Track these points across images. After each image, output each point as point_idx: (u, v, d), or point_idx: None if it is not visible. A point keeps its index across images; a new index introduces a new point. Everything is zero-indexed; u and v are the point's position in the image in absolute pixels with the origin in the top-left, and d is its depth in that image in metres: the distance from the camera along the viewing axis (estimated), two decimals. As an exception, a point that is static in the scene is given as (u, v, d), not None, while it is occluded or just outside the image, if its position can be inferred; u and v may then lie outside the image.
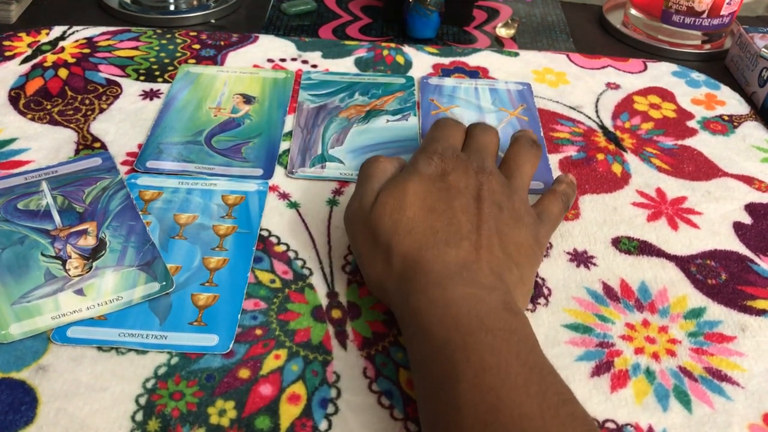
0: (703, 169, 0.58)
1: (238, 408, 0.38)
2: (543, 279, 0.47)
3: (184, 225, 0.49)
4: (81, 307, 0.42)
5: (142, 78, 0.64)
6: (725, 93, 0.68)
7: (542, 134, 0.60)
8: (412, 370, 0.37)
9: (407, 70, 0.67)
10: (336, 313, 0.44)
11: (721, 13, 0.72)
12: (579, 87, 0.66)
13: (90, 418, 0.37)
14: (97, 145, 0.56)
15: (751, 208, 0.54)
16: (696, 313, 0.45)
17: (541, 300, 0.45)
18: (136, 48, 0.68)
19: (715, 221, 0.53)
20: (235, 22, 0.76)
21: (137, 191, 0.51)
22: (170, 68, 0.65)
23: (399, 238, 0.41)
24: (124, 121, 0.59)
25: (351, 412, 0.38)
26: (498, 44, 0.74)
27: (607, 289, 0.47)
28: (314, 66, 0.67)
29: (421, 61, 0.69)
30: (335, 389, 0.39)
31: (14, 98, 0.60)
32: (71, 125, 0.58)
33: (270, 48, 0.69)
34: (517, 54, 0.71)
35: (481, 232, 0.41)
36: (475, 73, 0.67)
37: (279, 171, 0.54)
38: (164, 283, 0.44)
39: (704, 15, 0.72)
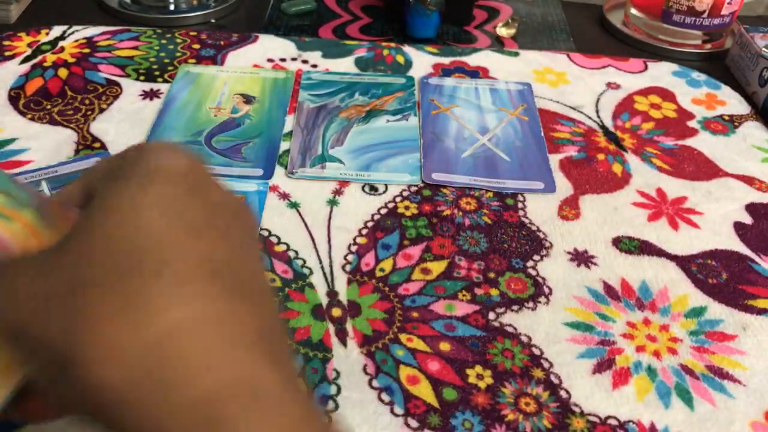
0: (703, 169, 0.58)
1: (238, 406, 0.38)
2: (543, 278, 0.47)
3: (184, 224, 0.49)
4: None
5: (142, 78, 0.64)
6: (726, 93, 0.67)
7: (542, 134, 0.60)
8: None
9: (407, 69, 0.67)
10: (336, 312, 0.44)
11: (722, 12, 0.72)
12: (579, 87, 0.66)
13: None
14: (97, 145, 0.56)
15: (751, 208, 0.54)
16: (697, 312, 0.45)
17: (542, 299, 0.45)
18: (135, 48, 0.68)
19: (715, 221, 0.52)
20: (235, 22, 0.76)
21: (137, 190, 0.51)
22: (170, 68, 0.65)
23: None
24: (124, 121, 0.58)
25: (351, 409, 0.38)
26: (498, 44, 0.74)
27: (608, 288, 0.46)
28: (314, 66, 0.67)
29: (422, 61, 0.69)
30: (335, 386, 0.39)
31: (14, 98, 0.60)
32: (71, 125, 0.58)
33: (270, 48, 0.69)
34: (517, 54, 0.71)
35: None
36: (476, 72, 0.67)
37: (279, 171, 0.54)
38: (164, 281, 0.44)
39: (705, 15, 0.72)
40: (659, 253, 0.49)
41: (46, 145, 0.55)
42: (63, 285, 0.21)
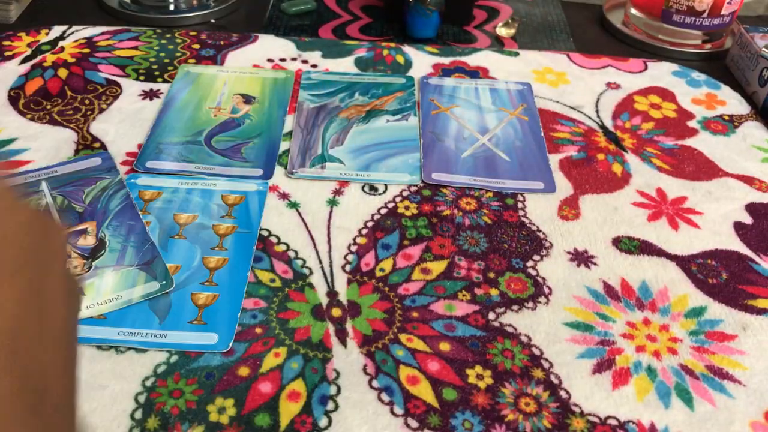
0: (703, 168, 0.58)
1: (238, 406, 0.38)
2: (543, 278, 0.47)
3: (183, 225, 0.49)
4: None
5: (141, 78, 0.64)
6: (726, 93, 0.67)
7: (542, 134, 0.60)
8: None
9: (407, 69, 0.67)
10: (336, 312, 0.44)
11: (722, 12, 0.72)
12: (579, 87, 0.66)
13: (89, 416, 0.37)
14: (97, 145, 0.56)
15: (751, 208, 0.54)
16: (697, 312, 0.45)
17: (542, 299, 0.45)
18: (135, 48, 0.68)
19: (715, 221, 0.52)
20: (234, 22, 0.76)
21: (137, 191, 0.51)
22: (170, 68, 0.65)
23: None
24: (124, 121, 0.58)
25: (351, 409, 0.38)
26: (498, 44, 0.74)
27: (608, 288, 0.46)
28: (314, 66, 0.67)
29: (422, 61, 0.69)
30: (335, 386, 0.39)
31: (14, 98, 0.60)
32: (71, 125, 0.58)
33: (270, 48, 0.69)
34: (517, 54, 0.71)
35: None
36: (476, 72, 0.67)
37: (279, 171, 0.54)
38: (164, 282, 0.44)
39: (705, 15, 0.72)
40: (659, 253, 0.49)
41: (45, 145, 0.55)
42: None
